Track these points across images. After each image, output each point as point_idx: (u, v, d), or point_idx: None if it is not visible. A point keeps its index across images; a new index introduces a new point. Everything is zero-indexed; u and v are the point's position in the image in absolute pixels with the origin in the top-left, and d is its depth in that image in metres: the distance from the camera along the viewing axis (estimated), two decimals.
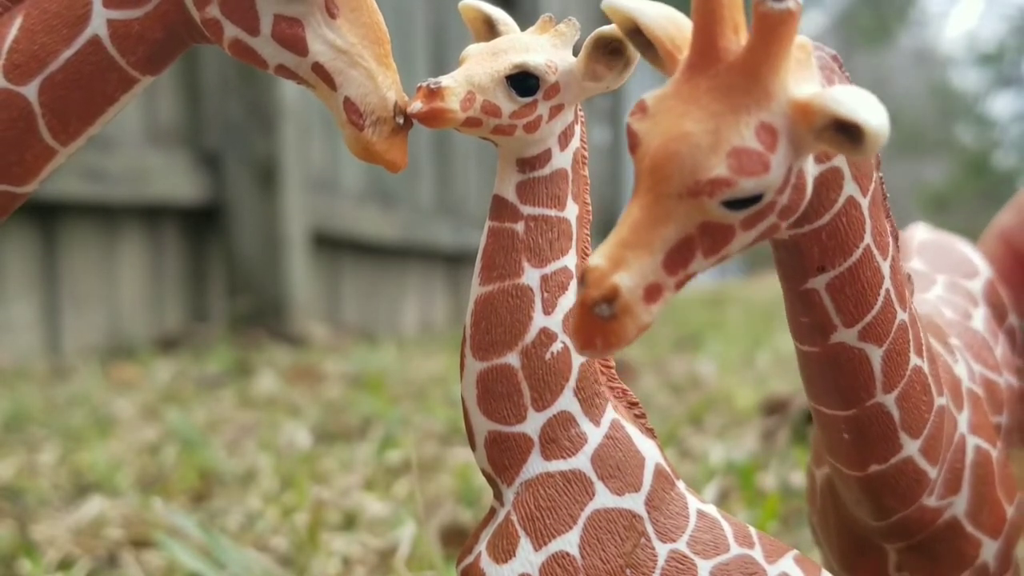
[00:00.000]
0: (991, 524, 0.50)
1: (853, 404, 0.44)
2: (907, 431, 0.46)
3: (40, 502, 1.07)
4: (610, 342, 0.31)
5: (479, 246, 0.41)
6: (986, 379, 0.53)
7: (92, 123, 0.45)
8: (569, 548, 0.39)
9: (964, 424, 0.49)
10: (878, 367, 0.44)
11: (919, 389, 0.45)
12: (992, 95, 10.87)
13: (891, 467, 0.46)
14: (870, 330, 0.43)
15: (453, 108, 0.37)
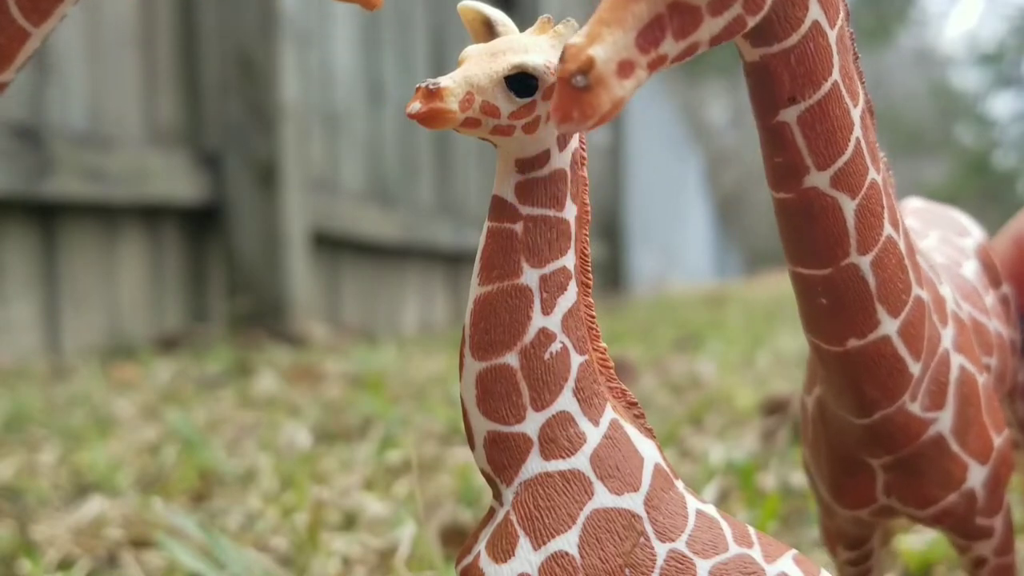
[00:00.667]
0: (978, 448, 0.51)
1: (828, 262, 0.45)
2: (884, 304, 0.46)
3: (40, 502, 1.07)
4: (585, 113, 0.32)
5: (478, 246, 0.41)
6: (974, 318, 0.54)
7: None
8: (568, 548, 0.39)
9: (948, 340, 0.50)
10: (851, 221, 0.44)
11: (894, 262, 0.46)
12: (992, 95, 10.87)
13: (869, 345, 0.47)
14: (842, 178, 0.44)
15: (452, 109, 0.37)
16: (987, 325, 0.55)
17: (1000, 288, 0.60)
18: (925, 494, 0.51)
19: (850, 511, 0.53)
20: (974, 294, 0.56)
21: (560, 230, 0.40)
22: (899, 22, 11.81)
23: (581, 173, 0.41)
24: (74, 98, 2.11)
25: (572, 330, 0.40)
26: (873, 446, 0.50)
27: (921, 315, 0.48)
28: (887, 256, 0.46)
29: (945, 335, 0.50)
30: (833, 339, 0.47)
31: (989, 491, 0.51)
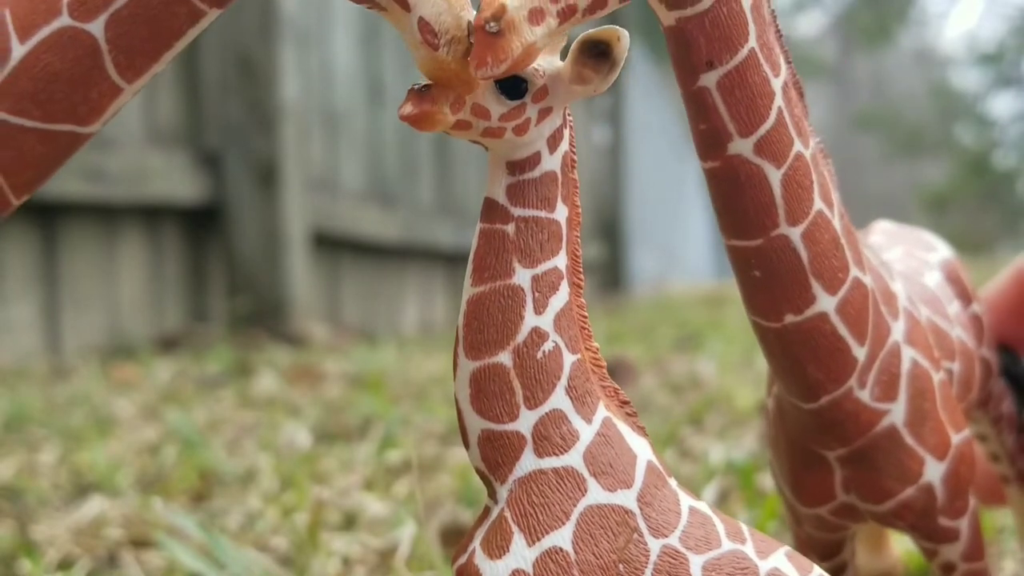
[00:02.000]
0: (934, 443, 0.51)
1: (758, 232, 0.46)
2: (818, 279, 0.47)
3: (40, 502, 1.07)
4: (498, 57, 0.35)
5: (471, 248, 0.41)
6: (933, 322, 0.55)
7: (158, 59, 0.45)
8: (562, 543, 0.39)
9: (899, 333, 0.51)
10: (778, 191, 0.45)
11: (827, 238, 0.47)
12: (992, 95, 10.87)
13: (806, 321, 0.48)
14: (765, 146, 0.45)
15: (443, 111, 0.38)
16: (948, 331, 0.56)
17: (971, 306, 0.61)
18: (882, 487, 0.51)
19: (811, 509, 0.54)
20: (935, 300, 0.57)
21: (551, 231, 0.41)
22: (899, 22, 11.81)
23: (572, 176, 0.41)
24: None
25: (564, 329, 0.41)
26: (826, 436, 0.51)
27: (862, 298, 0.49)
28: (819, 231, 0.47)
29: (896, 327, 0.51)
30: (771, 314, 0.48)
31: (949, 489, 0.51)
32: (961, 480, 0.52)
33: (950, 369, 0.55)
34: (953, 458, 0.51)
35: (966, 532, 0.53)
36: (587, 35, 0.39)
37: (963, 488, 0.52)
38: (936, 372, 0.52)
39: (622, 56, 0.39)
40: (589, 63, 0.39)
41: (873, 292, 0.50)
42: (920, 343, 0.52)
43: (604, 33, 0.38)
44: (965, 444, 0.52)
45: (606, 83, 0.39)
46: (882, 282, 0.51)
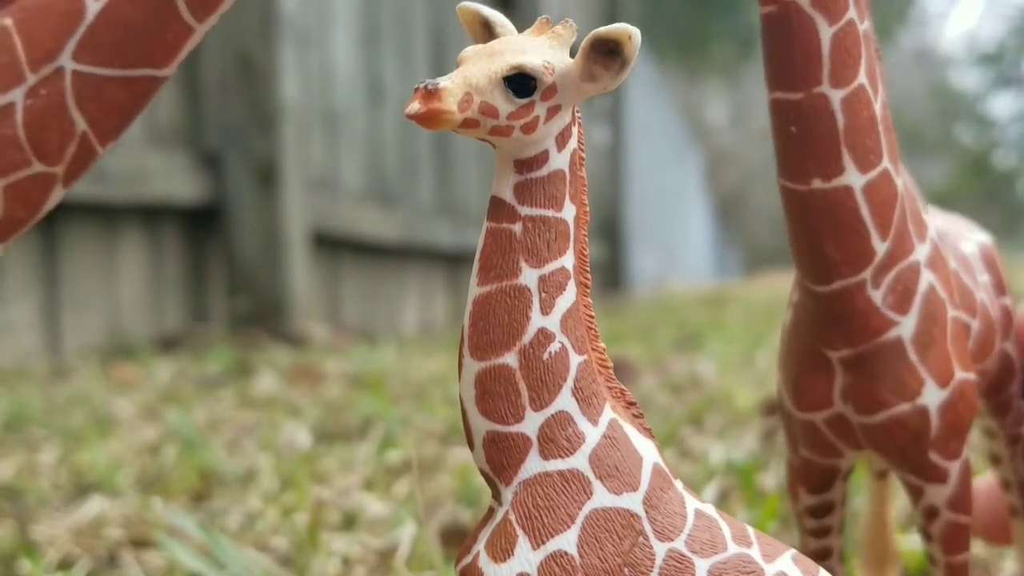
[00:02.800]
0: (937, 368, 0.52)
1: (801, 85, 0.49)
2: (851, 151, 0.49)
3: (40, 502, 1.07)
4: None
5: (477, 247, 0.41)
6: (960, 276, 0.56)
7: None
8: (567, 547, 0.39)
9: (923, 255, 0.52)
10: (826, 46, 0.48)
11: (866, 116, 0.50)
12: (992, 95, 10.88)
13: (833, 191, 0.49)
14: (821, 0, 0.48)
15: (451, 109, 0.37)
16: (973, 291, 0.57)
17: (1003, 297, 0.61)
18: (877, 397, 0.52)
19: (807, 413, 0.54)
20: (966, 262, 0.58)
21: (559, 231, 0.40)
22: (899, 22, 11.82)
23: (580, 174, 0.41)
24: None
25: (571, 330, 0.40)
26: (834, 333, 0.52)
27: (891, 194, 0.50)
28: (858, 104, 0.49)
29: (920, 249, 0.52)
30: (800, 176, 0.50)
31: (946, 423, 0.52)
32: (959, 417, 0.53)
33: (968, 323, 0.56)
34: (954, 390, 0.52)
35: (955, 479, 0.53)
36: (598, 33, 0.38)
37: (960, 428, 0.53)
38: (953, 309, 0.53)
39: (633, 54, 0.38)
40: (599, 61, 0.39)
41: (903, 199, 0.51)
42: (942, 274, 0.53)
43: (615, 31, 0.38)
44: (968, 384, 0.53)
45: (616, 81, 0.39)
46: (914, 204, 0.53)
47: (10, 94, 0.47)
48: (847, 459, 0.56)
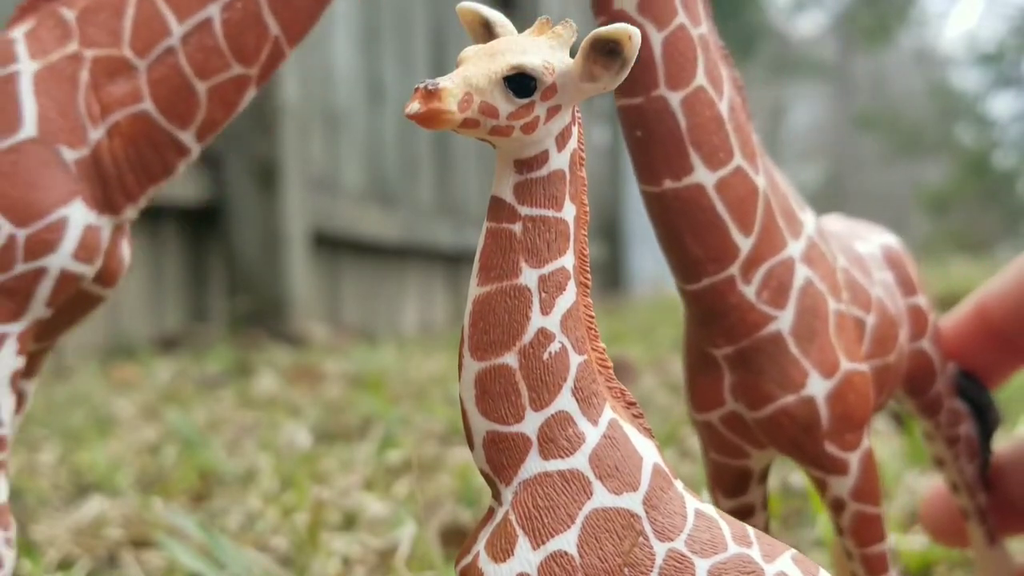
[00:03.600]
0: (820, 359, 0.53)
1: (640, 90, 0.51)
2: (697, 149, 0.51)
3: (40, 502, 1.07)
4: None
5: (477, 247, 0.41)
6: (849, 272, 0.57)
7: None
8: (567, 547, 0.39)
9: (796, 251, 0.54)
10: (658, 51, 0.50)
11: (709, 115, 0.51)
12: (992, 95, 10.89)
13: (684, 190, 0.51)
14: (646, 7, 0.50)
15: (451, 109, 0.37)
16: (867, 287, 0.58)
17: (912, 296, 0.63)
18: (763, 391, 0.53)
19: (703, 414, 0.56)
20: (860, 260, 0.59)
21: (559, 230, 0.40)
22: (899, 22, 11.81)
23: (580, 174, 0.41)
24: None
25: (571, 330, 0.40)
26: (713, 330, 0.54)
27: (748, 191, 0.52)
28: (699, 104, 0.51)
29: (793, 245, 0.54)
30: (652, 178, 0.51)
31: (836, 414, 0.53)
32: (850, 407, 0.53)
33: (861, 318, 0.57)
34: (842, 380, 0.53)
35: (856, 468, 0.54)
36: (598, 33, 0.38)
37: (853, 418, 0.54)
38: (836, 302, 0.54)
39: (633, 54, 0.38)
40: (600, 61, 0.39)
41: (766, 195, 0.53)
42: (821, 269, 0.54)
43: (615, 32, 0.38)
44: (858, 375, 0.54)
45: (616, 81, 0.39)
46: (786, 202, 0.54)
47: (208, 8, 0.56)
48: (755, 459, 0.57)
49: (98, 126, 0.56)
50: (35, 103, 0.55)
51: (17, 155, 0.55)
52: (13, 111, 0.55)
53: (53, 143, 0.55)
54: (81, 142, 0.56)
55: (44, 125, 0.55)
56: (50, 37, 0.57)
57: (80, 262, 0.56)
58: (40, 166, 0.55)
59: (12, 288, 0.55)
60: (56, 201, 0.55)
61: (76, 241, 0.56)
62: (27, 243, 0.54)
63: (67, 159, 0.56)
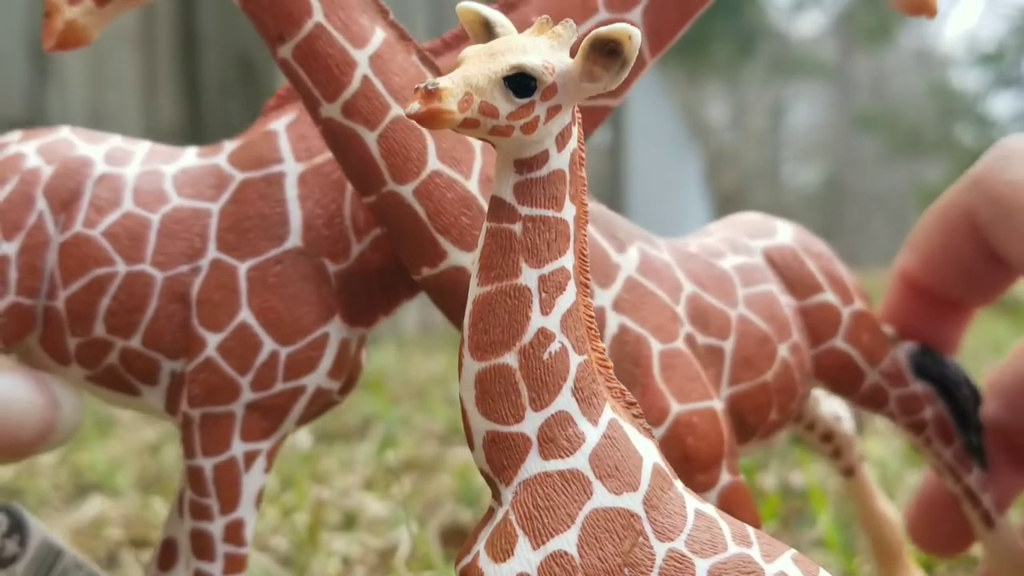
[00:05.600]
0: (647, 407, 0.52)
1: (370, 189, 0.50)
2: (445, 235, 0.50)
3: (40, 502, 1.07)
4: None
5: (477, 247, 0.41)
6: (699, 298, 0.56)
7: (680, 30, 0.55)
8: (567, 547, 0.39)
9: (607, 300, 0.53)
10: (375, 150, 0.50)
11: (452, 197, 0.50)
12: (992, 95, 10.88)
13: (443, 274, 0.51)
14: (353, 109, 0.49)
15: (451, 109, 0.37)
16: (724, 310, 0.56)
17: (811, 297, 0.60)
18: None
19: None
20: (720, 280, 0.57)
21: (559, 230, 0.40)
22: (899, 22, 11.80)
23: (580, 174, 0.41)
24: (74, 98, 2.12)
25: (571, 330, 0.40)
26: None
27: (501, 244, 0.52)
28: (437, 190, 0.50)
29: (601, 295, 0.53)
30: (412, 267, 0.51)
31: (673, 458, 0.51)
32: (689, 449, 0.52)
33: (716, 345, 0.55)
34: (673, 426, 0.52)
35: (716, 503, 0.53)
36: (598, 33, 0.38)
37: (697, 459, 0.52)
38: (661, 342, 0.53)
39: (633, 54, 0.38)
40: (600, 61, 0.39)
41: None
42: (644, 310, 0.53)
43: (615, 32, 0.38)
44: (697, 415, 0.53)
45: (616, 81, 0.39)
46: (597, 251, 0.53)
47: None
48: None
49: (363, 239, 0.55)
50: (300, 209, 0.54)
51: (282, 266, 0.53)
52: (279, 217, 0.54)
53: (318, 255, 0.54)
54: (345, 255, 0.54)
55: (309, 235, 0.54)
56: (314, 134, 0.55)
57: (333, 379, 0.55)
58: (304, 279, 0.53)
59: (269, 405, 0.54)
60: (318, 317, 0.54)
61: (332, 359, 0.55)
62: (289, 361, 0.53)
63: (330, 272, 0.54)
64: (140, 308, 0.53)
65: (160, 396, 0.55)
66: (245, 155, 0.56)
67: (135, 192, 0.55)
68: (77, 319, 0.54)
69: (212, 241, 0.54)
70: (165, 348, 0.54)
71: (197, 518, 0.54)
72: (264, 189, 0.54)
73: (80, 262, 0.54)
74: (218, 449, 0.54)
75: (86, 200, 0.54)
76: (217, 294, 0.53)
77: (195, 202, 0.55)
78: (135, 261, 0.54)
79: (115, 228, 0.54)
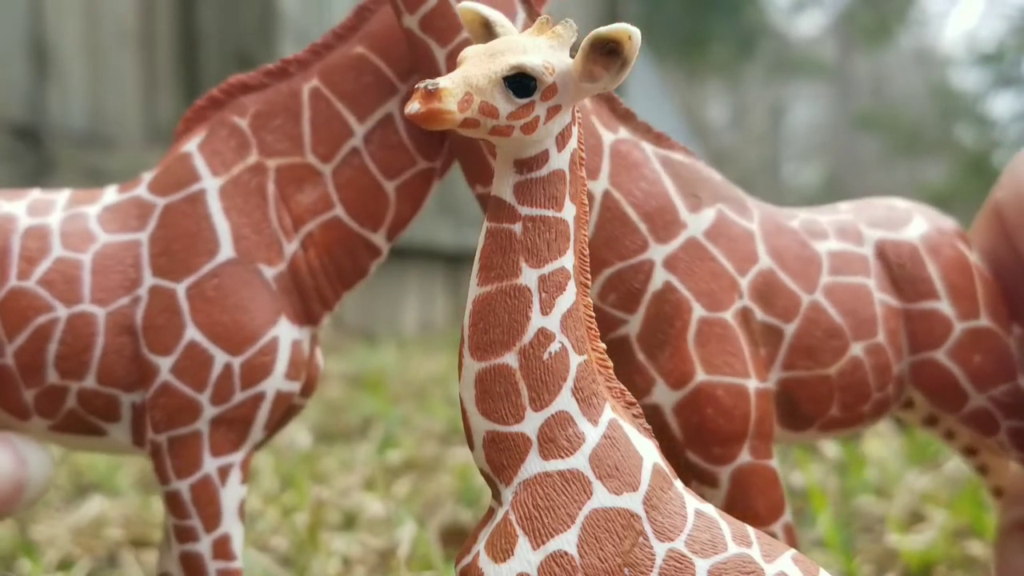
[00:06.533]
0: (670, 368, 0.52)
1: None
2: None
3: (40, 502, 1.07)
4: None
5: (477, 247, 0.41)
6: (773, 276, 0.54)
7: None
8: (567, 547, 0.39)
9: (659, 254, 0.53)
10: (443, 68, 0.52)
11: None
12: (992, 95, 10.87)
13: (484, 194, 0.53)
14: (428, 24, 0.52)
15: (451, 109, 0.37)
16: (793, 291, 0.55)
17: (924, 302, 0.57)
18: None
19: None
20: (801, 261, 0.55)
21: (559, 230, 0.40)
22: (899, 22, 11.80)
23: (580, 174, 0.41)
24: (74, 98, 2.12)
25: (571, 330, 0.40)
26: None
27: None
28: None
29: (656, 249, 0.52)
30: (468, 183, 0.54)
31: (688, 424, 0.52)
32: (706, 419, 0.52)
33: (774, 325, 0.54)
34: (694, 393, 0.52)
35: (726, 482, 0.53)
36: (598, 33, 0.38)
37: (715, 431, 0.52)
38: (705, 308, 0.52)
39: (633, 54, 0.38)
40: (600, 61, 0.39)
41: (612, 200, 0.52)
42: (688, 274, 0.52)
43: (615, 31, 0.38)
44: (723, 389, 0.52)
45: (616, 81, 0.39)
46: (656, 203, 0.53)
47: (388, 104, 0.55)
48: None
49: (292, 239, 0.55)
50: (227, 221, 0.54)
51: (219, 279, 0.54)
52: (207, 232, 0.54)
53: (252, 261, 0.54)
54: (278, 257, 0.55)
55: (240, 244, 0.54)
56: (226, 148, 0.56)
57: (291, 380, 0.55)
58: (243, 287, 0.54)
59: (233, 417, 0.54)
60: (264, 322, 0.54)
61: (287, 361, 0.55)
62: (243, 370, 0.53)
63: (267, 276, 0.54)
64: (88, 347, 0.54)
65: (125, 431, 0.56)
66: (163, 181, 0.56)
67: (62, 237, 0.55)
68: (28, 371, 0.54)
69: (146, 269, 0.54)
70: (120, 382, 0.54)
71: (183, 541, 0.54)
72: (187, 209, 0.55)
73: (20, 314, 0.54)
74: (191, 469, 0.54)
75: (15, 254, 0.54)
76: (161, 318, 0.53)
77: (123, 235, 0.55)
78: (74, 302, 0.54)
79: (49, 275, 0.54)
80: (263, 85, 0.56)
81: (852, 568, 0.85)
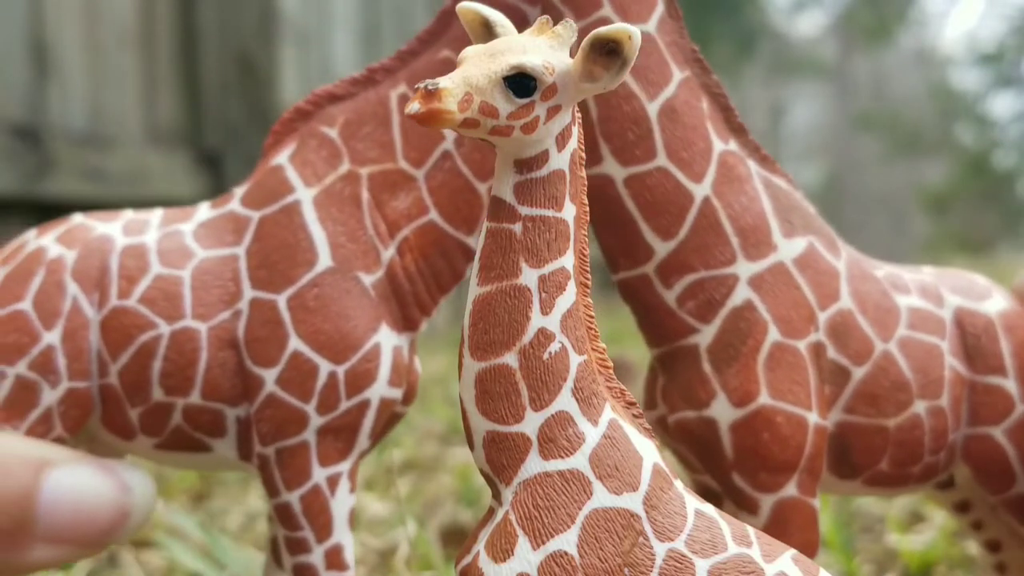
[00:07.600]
0: (735, 385, 0.52)
1: None
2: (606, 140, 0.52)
3: None
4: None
5: (477, 247, 0.41)
6: (850, 317, 0.54)
7: None
8: (567, 547, 0.39)
9: (746, 271, 0.53)
10: None
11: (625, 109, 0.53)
12: (992, 95, 10.87)
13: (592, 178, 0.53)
14: None
15: (451, 109, 0.37)
16: (869, 336, 0.55)
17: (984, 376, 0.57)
18: (673, 399, 0.53)
19: (648, 412, 0.56)
20: (881, 311, 0.56)
21: (559, 230, 0.40)
22: (899, 22, 11.79)
23: (580, 174, 0.41)
24: (74, 98, 2.12)
25: (571, 330, 0.40)
26: (645, 329, 0.55)
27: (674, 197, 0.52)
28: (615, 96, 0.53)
29: (744, 265, 0.53)
30: None
31: (741, 445, 0.51)
32: (762, 444, 0.52)
33: (844, 366, 0.54)
34: (754, 414, 0.52)
35: (767, 513, 0.52)
36: (597, 33, 0.38)
37: (767, 457, 0.52)
38: (782, 334, 0.52)
39: (633, 54, 0.38)
40: (600, 61, 0.39)
41: (710, 207, 0.52)
42: (779, 298, 0.52)
43: (615, 32, 0.38)
44: (784, 416, 0.52)
45: (616, 81, 0.39)
46: (754, 220, 0.53)
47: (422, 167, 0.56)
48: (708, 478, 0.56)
49: (388, 245, 0.55)
50: (323, 231, 0.54)
51: (319, 288, 0.54)
52: (305, 243, 0.54)
53: (350, 270, 0.55)
54: (376, 264, 0.55)
55: (338, 253, 0.55)
56: (317, 159, 0.56)
57: (393, 387, 0.55)
58: (343, 295, 0.54)
59: (339, 426, 0.54)
60: (366, 329, 0.54)
61: (389, 367, 0.55)
62: (348, 378, 0.54)
63: (366, 284, 0.55)
64: (192, 363, 0.54)
65: (231, 445, 0.56)
66: (256, 194, 0.56)
67: (160, 255, 0.56)
68: (133, 389, 0.54)
69: (245, 282, 0.55)
70: (225, 396, 0.54)
71: (295, 553, 0.55)
72: (283, 220, 0.55)
73: (123, 333, 0.54)
74: (300, 480, 0.54)
75: (114, 274, 0.55)
76: (263, 330, 0.54)
77: (220, 250, 0.56)
78: (176, 319, 0.54)
79: (150, 293, 0.55)
80: (350, 94, 0.57)
81: (852, 568, 0.84)
